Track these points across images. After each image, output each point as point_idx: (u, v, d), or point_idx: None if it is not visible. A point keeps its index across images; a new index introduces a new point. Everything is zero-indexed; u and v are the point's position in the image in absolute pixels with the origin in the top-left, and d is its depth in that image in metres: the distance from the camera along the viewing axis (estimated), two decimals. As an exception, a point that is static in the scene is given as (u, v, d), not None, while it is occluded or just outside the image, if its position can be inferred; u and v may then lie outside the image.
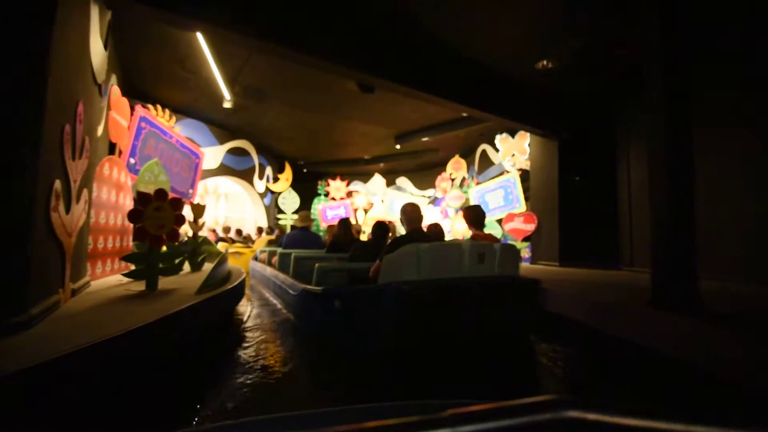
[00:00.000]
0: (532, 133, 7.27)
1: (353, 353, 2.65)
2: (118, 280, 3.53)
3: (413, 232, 2.83)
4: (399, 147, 10.36)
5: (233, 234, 8.35)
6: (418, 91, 5.17)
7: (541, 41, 4.88)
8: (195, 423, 1.76)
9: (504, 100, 6.05)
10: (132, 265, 3.08)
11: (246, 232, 9.09)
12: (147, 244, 3.00)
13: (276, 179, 11.94)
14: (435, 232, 4.21)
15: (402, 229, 3.10)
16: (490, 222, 8.25)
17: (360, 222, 11.74)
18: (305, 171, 13.31)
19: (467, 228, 3.47)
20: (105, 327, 1.73)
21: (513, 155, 8.12)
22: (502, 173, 8.46)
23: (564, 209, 6.54)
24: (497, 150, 8.50)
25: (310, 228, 5.10)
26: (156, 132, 5.47)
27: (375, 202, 12.39)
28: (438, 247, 2.44)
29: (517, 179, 7.87)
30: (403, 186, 13.30)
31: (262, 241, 7.46)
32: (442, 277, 2.34)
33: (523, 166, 7.91)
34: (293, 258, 3.96)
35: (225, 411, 1.83)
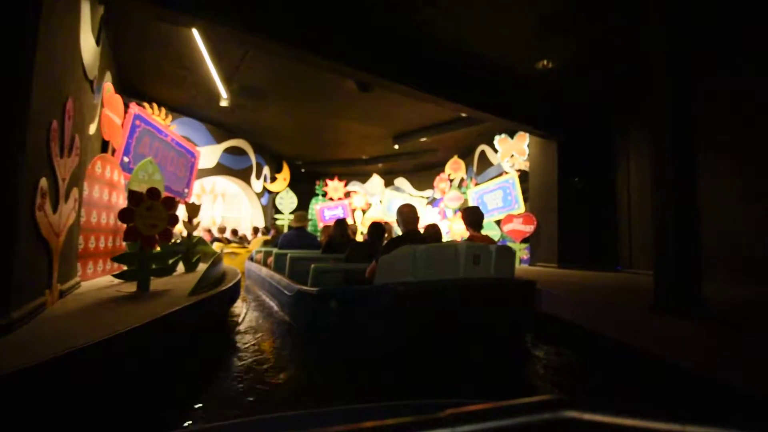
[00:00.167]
0: (531, 134, 7.23)
1: (349, 354, 2.62)
2: (109, 281, 3.46)
3: (409, 233, 2.82)
4: (397, 147, 10.31)
5: (229, 234, 8.27)
6: (416, 91, 5.12)
7: (542, 41, 4.84)
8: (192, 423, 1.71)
9: (503, 100, 6.01)
10: (124, 266, 3.02)
11: (242, 232, 9.01)
12: (138, 244, 2.94)
13: (273, 179, 11.87)
14: (433, 233, 4.16)
15: (398, 230, 3.09)
16: (488, 223, 8.21)
17: (358, 222, 11.69)
18: (303, 171, 13.25)
19: (465, 229, 3.47)
20: (87, 332, 1.67)
21: (512, 156, 8.08)
22: (500, 174, 8.41)
23: (563, 210, 6.50)
24: (496, 151, 8.46)
25: (305, 228, 5.04)
26: (151, 130, 5.40)
27: (373, 202, 12.34)
28: (434, 249, 2.44)
29: (516, 180, 7.83)
30: (402, 186, 13.25)
31: (257, 242, 7.39)
32: (437, 279, 2.34)
33: (522, 167, 7.87)
34: (289, 258, 3.92)
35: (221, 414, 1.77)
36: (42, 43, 1.99)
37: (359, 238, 7.10)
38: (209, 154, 8.91)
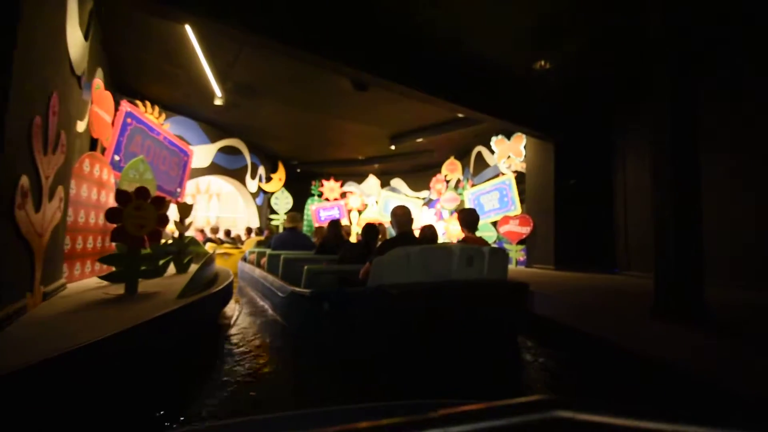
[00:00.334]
0: (528, 135, 7.21)
1: (342, 356, 2.60)
2: (96, 282, 3.36)
3: (403, 234, 2.83)
4: (394, 148, 10.25)
5: (222, 234, 8.16)
6: (414, 90, 5.06)
7: (540, 41, 4.80)
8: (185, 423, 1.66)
9: (500, 100, 5.97)
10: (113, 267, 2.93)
11: (235, 232, 8.90)
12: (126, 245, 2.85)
13: (269, 179, 11.76)
14: (429, 234, 4.13)
15: (393, 231, 3.08)
16: (485, 224, 8.17)
17: (354, 223, 11.62)
18: (299, 171, 13.15)
19: (460, 230, 3.47)
20: (66, 338, 1.58)
21: (508, 157, 8.05)
22: (497, 175, 8.38)
23: (560, 212, 6.47)
24: (493, 152, 8.43)
25: (298, 229, 4.97)
26: (142, 128, 5.30)
27: (369, 203, 12.27)
28: (427, 251, 2.47)
29: (513, 181, 7.80)
30: (398, 187, 13.19)
31: (251, 242, 7.29)
32: (431, 281, 2.38)
33: (519, 168, 7.84)
34: (282, 259, 3.86)
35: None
36: (23, 35, 1.91)
37: (354, 239, 7.02)
38: (203, 153, 8.80)
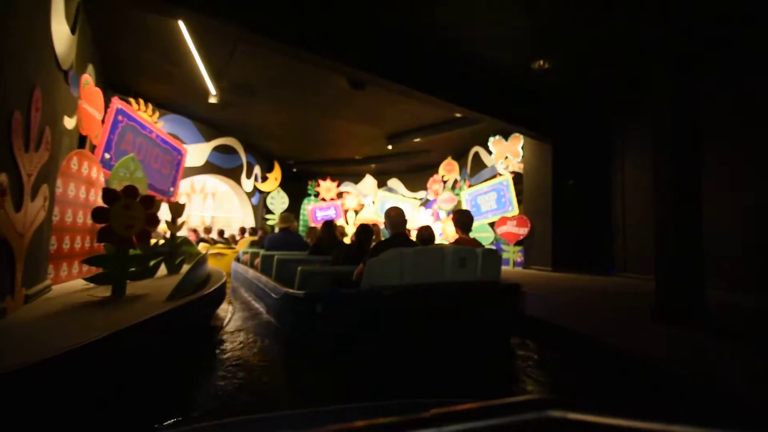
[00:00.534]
0: (525, 136, 7.16)
1: (335, 357, 2.60)
2: (83, 284, 3.27)
3: (397, 236, 2.84)
4: (391, 148, 10.19)
5: (215, 234, 8.05)
6: (409, 89, 4.99)
7: (539, 40, 4.75)
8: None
9: (498, 100, 5.92)
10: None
11: (230, 232, 8.79)
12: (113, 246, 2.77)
13: (264, 178, 11.66)
14: (426, 235, 4.07)
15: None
16: (482, 225, 8.12)
17: (351, 223, 11.54)
18: (295, 170, 13.05)
19: (455, 231, 3.47)
20: (41, 345, 1.50)
21: (506, 158, 8.01)
22: (494, 176, 8.34)
23: (557, 213, 6.43)
24: (490, 152, 8.38)
25: (290, 229, 4.90)
26: (134, 126, 5.20)
27: (366, 203, 12.19)
28: (421, 252, 2.52)
29: (510, 182, 7.75)
30: (395, 188, 13.12)
31: (244, 242, 7.20)
32: (424, 282, 2.42)
33: (516, 168, 7.79)
34: (276, 260, 3.80)
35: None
36: None
37: (346, 240, 6.94)
38: (198, 152, 8.69)
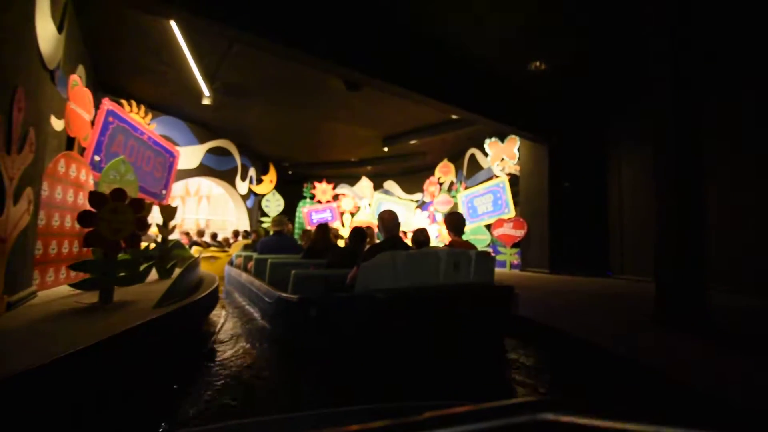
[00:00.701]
0: (521, 137, 7.14)
1: (329, 361, 2.58)
2: (69, 290, 3.17)
3: (390, 239, 2.83)
4: (387, 149, 10.15)
5: (208, 237, 7.94)
6: (408, 91, 4.95)
7: (537, 41, 4.73)
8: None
9: (494, 102, 5.89)
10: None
11: (224, 235, 8.69)
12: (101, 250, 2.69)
13: (260, 181, 11.56)
14: (421, 237, 4.02)
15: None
16: (479, 227, 8.09)
17: (347, 225, 11.47)
18: (290, 173, 12.96)
19: (447, 233, 3.44)
20: (12, 357, 1.42)
21: (502, 159, 7.99)
22: (491, 178, 8.31)
23: (554, 215, 6.40)
24: (486, 154, 8.36)
25: (284, 232, 4.83)
26: (125, 127, 5.10)
27: (362, 205, 12.13)
28: (414, 255, 2.51)
29: (506, 184, 7.73)
30: (391, 190, 13.07)
31: (238, 245, 7.09)
32: (417, 285, 2.42)
33: (513, 170, 7.77)
34: (269, 264, 3.73)
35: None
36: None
37: (340, 243, 6.87)
38: (191, 154, 8.59)
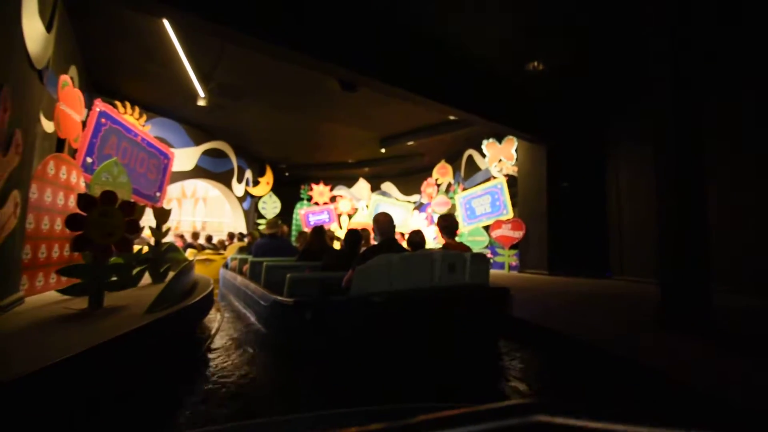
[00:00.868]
0: (519, 138, 7.11)
1: (325, 364, 2.56)
2: (58, 296, 3.09)
3: (385, 242, 2.82)
4: (384, 151, 10.11)
5: (203, 240, 7.86)
6: (405, 92, 4.91)
7: (536, 41, 4.70)
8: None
9: (492, 103, 5.86)
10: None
11: (219, 238, 8.61)
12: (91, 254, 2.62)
13: (256, 183, 11.48)
14: (417, 239, 3.97)
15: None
16: (477, 229, 8.05)
17: (345, 227, 11.41)
18: (287, 174, 12.89)
19: (440, 236, 3.41)
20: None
21: (500, 161, 7.96)
22: (488, 179, 8.28)
23: (552, 216, 6.37)
24: (484, 155, 8.33)
25: (278, 235, 4.78)
26: (118, 129, 5.03)
27: (359, 207, 12.08)
28: (409, 258, 2.53)
29: (504, 185, 7.70)
30: (388, 191, 13.02)
31: (233, 248, 7.01)
32: (413, 287, 2.42)
33: (510, 171, 7.75)
34: (265, 267, 3.68)
35: None
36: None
37: (336, 245, 6.82)
38: (187, 156, 8.51)
